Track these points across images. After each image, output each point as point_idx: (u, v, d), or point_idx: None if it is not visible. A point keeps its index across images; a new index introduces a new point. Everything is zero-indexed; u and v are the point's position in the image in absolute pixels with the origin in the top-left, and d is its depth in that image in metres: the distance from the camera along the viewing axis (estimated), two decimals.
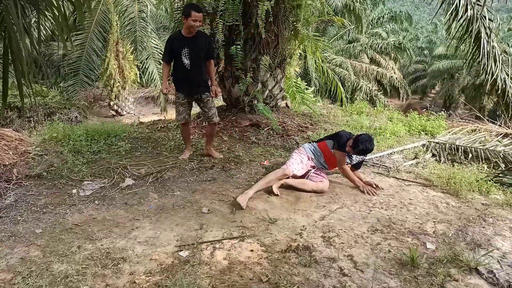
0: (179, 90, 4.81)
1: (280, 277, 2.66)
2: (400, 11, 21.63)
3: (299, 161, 4.37)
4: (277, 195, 4.03)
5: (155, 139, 5.79)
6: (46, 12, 3.69)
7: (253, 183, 4.35)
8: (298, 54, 9.70)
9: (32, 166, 4.52)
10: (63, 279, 2.55)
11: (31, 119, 9.87)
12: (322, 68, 9.17)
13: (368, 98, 17.91)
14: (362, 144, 4.06)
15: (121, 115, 14.99)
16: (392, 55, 22.49)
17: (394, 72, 21.52)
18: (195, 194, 4.02)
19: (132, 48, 12.95)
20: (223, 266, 2.79)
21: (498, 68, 6.55)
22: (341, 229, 3.41)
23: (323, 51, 8.53)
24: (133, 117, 13.83)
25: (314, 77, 16.23)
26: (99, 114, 14.80)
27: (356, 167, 4.55)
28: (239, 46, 6.15)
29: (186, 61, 4.57)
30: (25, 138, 5.40)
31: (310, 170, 4.38)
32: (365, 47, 19.86)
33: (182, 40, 4.55)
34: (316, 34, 8.88)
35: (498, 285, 2.69)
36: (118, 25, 12.84)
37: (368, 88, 18.49)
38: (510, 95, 6.88)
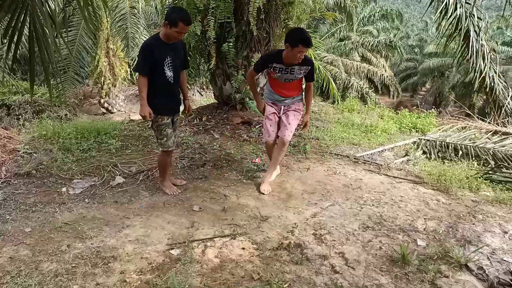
0: (162, 112, 3.75)
1: (272, 274, 2.66)
2: (391, 9, 21.74)
3: (269, 124, 4.19)
4: (262, 193, 4.04)
5: (146, 137, 5.75)
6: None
7: (244, 180, 4.36)
8: None
9: (21, 164, 4.47)
10: (52, 278, 2.53)
11: (20, 116, 9.74)
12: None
13: (359, 96, 17.93)
14: (291, 32, 4.05)
15: (112, 113, 14.83)
16: (383, 53, 22.52)
17: (385, 70, 21.58)
18: (186, 192, 4.00)
19: (123, 45, 12.84)
20: (215, 264, 2.78)
21: (486, 66, 6.62)
22: (333, 227, 3.42)
23: (314, 48, 8.53)
24: (124, 115, 13.73)
25: None
26: (89, 112, 14.63)
27: (308, 79, 4.29)
28: (231, 44, 6.13)
29: (169, 74, 3.67)
30: (14, 136, 5.34)
31: (280, 118, 4.18)
32: (356, 45, 19.88)
33: (164, 47, 3.62)
34: (308, 31, 8.85)
35: (488, 281, 2.71)
36: (109, 22, 12.71)
37: (359, 85, 18.53)
38: (498, 92, 6.96)
